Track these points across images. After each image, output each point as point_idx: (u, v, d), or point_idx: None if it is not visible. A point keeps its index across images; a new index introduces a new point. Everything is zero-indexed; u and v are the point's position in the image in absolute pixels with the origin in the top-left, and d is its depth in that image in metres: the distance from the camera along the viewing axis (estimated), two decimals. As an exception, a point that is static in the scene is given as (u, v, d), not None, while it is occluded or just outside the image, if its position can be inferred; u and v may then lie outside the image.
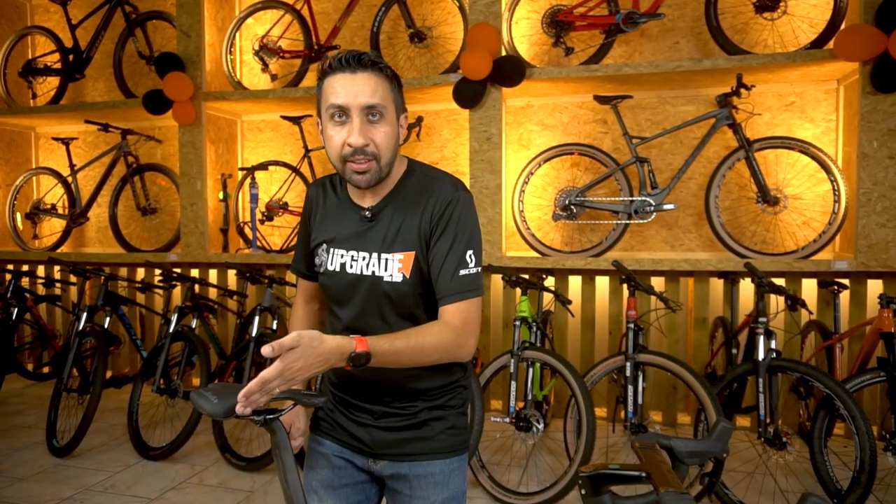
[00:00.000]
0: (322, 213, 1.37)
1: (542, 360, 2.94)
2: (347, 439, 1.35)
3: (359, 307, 1.29)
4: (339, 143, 1.23)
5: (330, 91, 1.23)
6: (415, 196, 1.29)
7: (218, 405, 1.07)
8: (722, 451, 1.10)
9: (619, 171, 3.69)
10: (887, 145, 3.21)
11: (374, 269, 1.28)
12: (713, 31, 3.55)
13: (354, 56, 1.21)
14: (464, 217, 1.27)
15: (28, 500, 2.91)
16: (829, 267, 3.31)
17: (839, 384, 2.53)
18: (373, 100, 1.20)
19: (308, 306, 1.49)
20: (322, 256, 1.34)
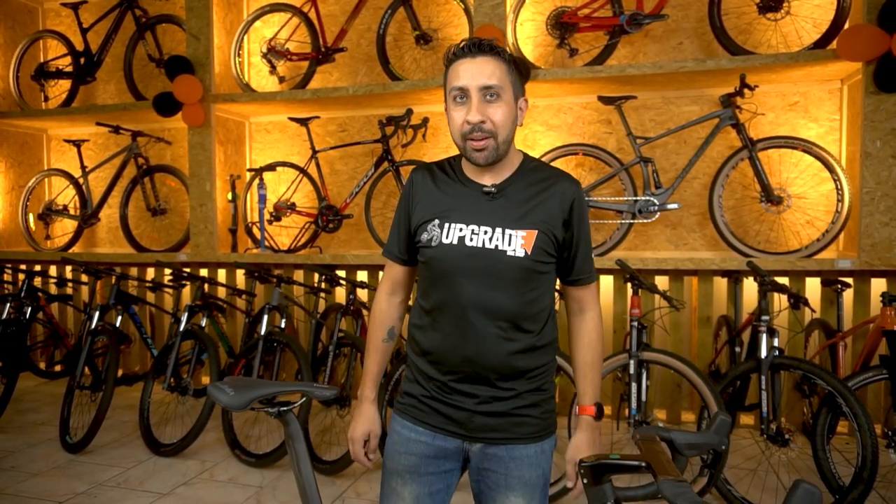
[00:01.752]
0: (430, 193, 1.43)
1: (546, 357, 2.97)
2: (444, 424, 1.40)
3: (479, 280, 1.35)
4: (459, 122, 1.33)
5: (453, 75, 1.34)
6: (538, 182, 1.39)
7: (234, 398, 1.12)
8: (721, 444, 1.13)
9: (624, 170, 3.72)
10: (890, 144, 3.23)
11: (497, 244, 1.34)
12: (717, 31, 3.58)
13: (475, 43, 1.33)
14: (586, 206, 1.43)
15: (43, 494, 2.97)
16: (833, 266, 3.33)
17: (841, 382, 2.56)
18: (490, 80, 1.30)
19: (391, 299, 1.54)
20: (433, 232, 1.38)
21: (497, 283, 1.35)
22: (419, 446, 1.40)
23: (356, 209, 4.41)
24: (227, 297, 4.44)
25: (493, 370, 1.36)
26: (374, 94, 4.04)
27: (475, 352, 1.36)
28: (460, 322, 1.36)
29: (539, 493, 1.41)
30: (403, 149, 4.24)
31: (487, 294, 1.35)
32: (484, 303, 1.34)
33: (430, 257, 1.39)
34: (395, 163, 4.11)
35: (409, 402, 1.45)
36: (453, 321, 1.38)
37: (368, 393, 1.48)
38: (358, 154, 4.56)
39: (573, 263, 1.41)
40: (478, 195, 1.38)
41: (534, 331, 1.39)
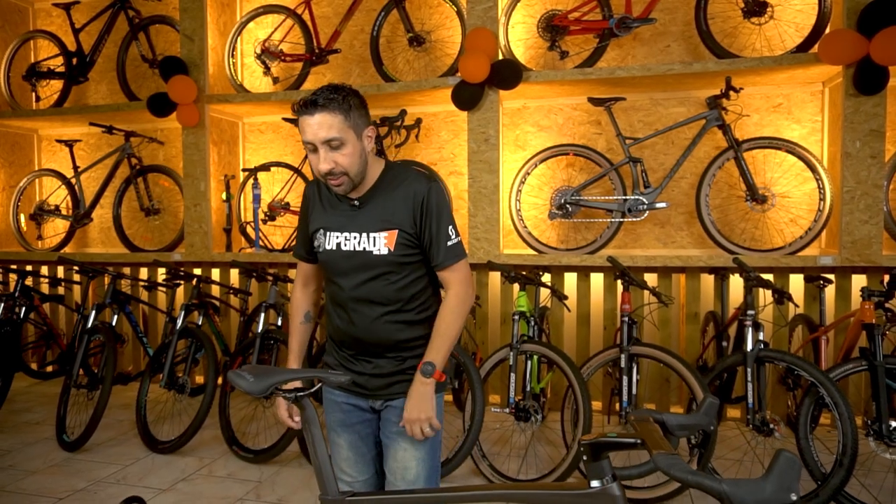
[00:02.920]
0: (318, 205, 1.73)
1: (540, 352, 3.05)
2: (351, 387, 1.71)
3: (355, 276, 1.65)
4: (315, 168, 1.58)
5: (301, 128, 1.57)
6: (394, 190, 1.64)
7: (254, 383, 1.18)
8: (709, 424, 1.21)
9: (613, 170, 3.81)
10: (869, 145, 3.35)
11: (364, 246, 1.64)
12: (703, 35, 3.68)
13: (311, 101, 1.52)
14: (439, 202, 1.65)
15: (43, 491, 3.00)
16: (815, 262, 3.44)
17: (823, 373, 2.66)
18: (330, 133, 1.52)
19: (306, 289, 1.85)
20: (320, 239, 1.69)
21: (370, 277, 1.64)
22: (338, 406, 1.74)
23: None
24: (221, 295, 4.47)
25: (378, 345, 1.67)
26: (369, 94, 4.09)
27: (362, 334, 1.67)
28: (347, 310, 1.68)
29: (427, 442, 1.67)
30: (397, 149, 4.31)
31: (364, 286, 1.65)
32: (362, 294, 1.65)
33: (322, 261, 1.73)
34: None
35: (328, 368, 1.78)
36: (342, 310, 1.70)
37: (293, 366, 1.81)
38: (351, 154, 4.60)
39: (431, 252, 1.66)
40: (347, 207, 1.67)
41: (411, 309, 1.68)
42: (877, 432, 2.64)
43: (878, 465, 3.09)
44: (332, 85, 1.57)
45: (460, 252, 1.67)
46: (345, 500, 1.21)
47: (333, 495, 1.21)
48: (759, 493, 0.92)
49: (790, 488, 0.92)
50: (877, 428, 2.64)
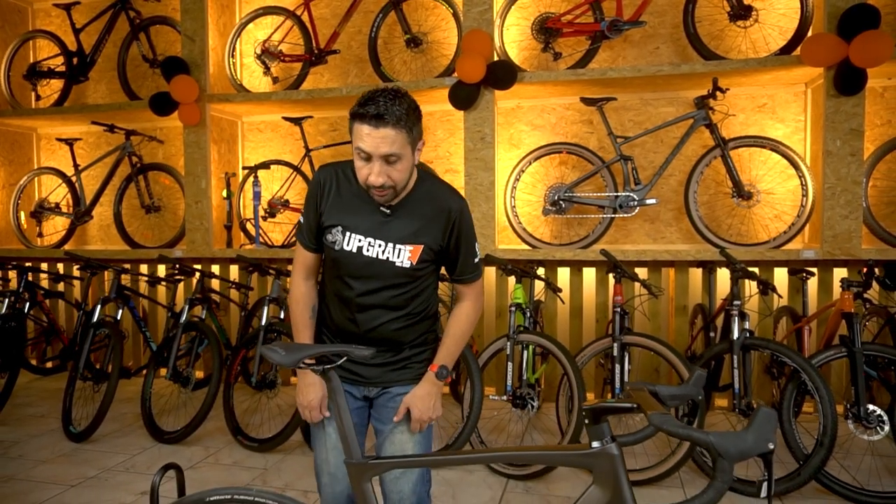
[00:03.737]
0: (336, 198, 1.66)
1: (536, 342, 3.18)
2: (347, 375, 1.73)
3: (371, 282, 1.65)
4: (364, 176, 1.54)
5: (357, 135, 1.51)
6: (427, 203, 1.64)
7: (286, 357, 1.29)
8: (697, 394, 1.33)
9: (605, 168, 3.94)
10: (849, 144, 3.50)
11: (388, 256, 1.63)
12: (691, 37, 3.82)
13: (379, 114, 1.46)
14: (469, 220, 1.70)
15: (54, 479, 3.08)
16: (798, 256, 3.59)
17: (805, 359, 2.80)
18: (392, 149, 1.49)
19: (307, 283, 1.77)
20: (337, 236, 1.64)
21: (385, 284, 1.65)
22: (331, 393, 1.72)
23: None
24: (221, 291, 4.56)
25: (378, 343, 1.68)
26: (367, 94, 4.19)
27: (364, 332, 1.69)
28: (352, 310, 1.68)
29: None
30: (394, 147, 4.41)
31: (377, 293, 1.65)
32: (374, 300, 1.66)
33: (333, 258, 1.68)
34: (387, 161, 4.28)
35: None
36: (347, 308, 1.69)
37: None
38: (349, 153, 4.71)
39: (456, 265, 1.71)
40: (375, 212, 1.63)
41: (417, 313, 1.72)
42: (855, 415, 2.79)
43: (856, 448, 3.24)
44: (393, 92, 1.50)
45: (481, 269, 1.76)
46: (367, 462, 1.32)
47: (357, 459, 1.33)
48: (741, 444, 1.05)
49: (768, 439, 1.04)
50: (855, 411, 2.79)
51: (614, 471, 1.22)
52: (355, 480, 1.33)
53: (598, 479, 1.23)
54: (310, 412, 1.70)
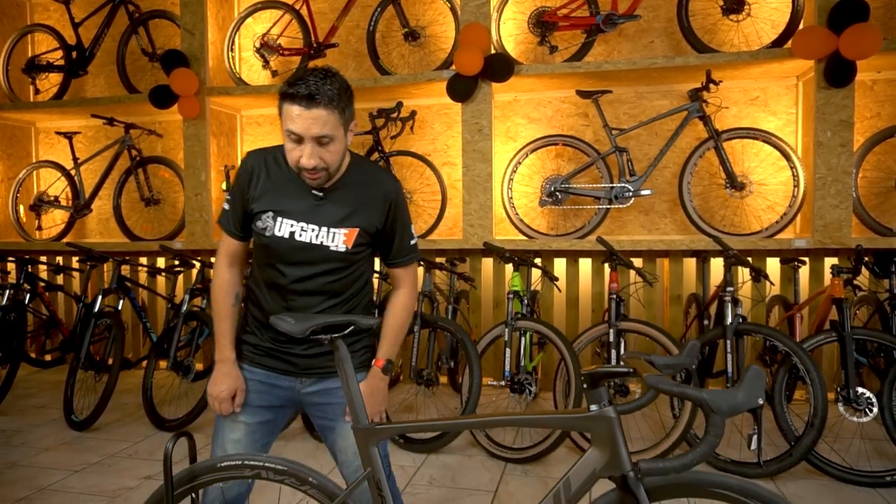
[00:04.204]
0: (266, 183, 1.59)
1: (533, 328, 3.23)
2: (277, 365, 1.65)
3: (305, 268, 1.59)
4: (294, 158, 1.49)
5: (288, 117, 1.46)
6: (361, 186, 1.61)
7: (295, 326, 1.34)
8: (691, 363, 1.39)
9: (601, 159, 4.00)
10: (839, 135, 3.57)
11: (322, 240, 1.58)
12: (685, 31, 3.88)
13: (307, 94, 1.42)
14: (404, 202, 1.68)
15: (57, 465, 3.12)
16: (790, 245, 3.66)
17: (797, 343, 2.87)
18: (323, 131, 1.45)
19: (232, 270, 1.68)
20: (268, 222, 1.58)
21: (320, 270, 1.59)
22: (254, 384, 1.66)
23: (347, 198, 4.62)
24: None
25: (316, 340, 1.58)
26: (366, 87, 4.25)
27: None
28: (286, 297, 1.62)
29: None
30: (392, 140, 4.46)
31: (312, 280, 1.60)
32: (308, 286, 1.60)
33: (264, 244, 1.61)
34: (385, 153, 4.33)
35: (246, 348, 1.69)
36: (280, 296, 1.63)
37: (228, 354, 1.65)
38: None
39: (391, 249, 1.68)
40: (307, 196, 1.58)
41: (352, 299, 1.67)
42: (845, 398, 2.85)
43: (845, 432, 3.31)
44: (324, 71, 1.46)
45: (418, 251, 1.73)
46: (374, 427, 1.37)
47: (364, 425, 1.38)
48: (732, 400, 1.11)
49: (757, 395, 1.10)
50: (845, 394, 2.85)
51: (612, 433, 1.27)
52: (363, 445, 1.37)
53: (597, 441, 1.29)
54: (219, 404, 1.62)
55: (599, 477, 1.29)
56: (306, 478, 1.38)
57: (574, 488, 1.31)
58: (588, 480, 1.30)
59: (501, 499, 2.70)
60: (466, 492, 2.77)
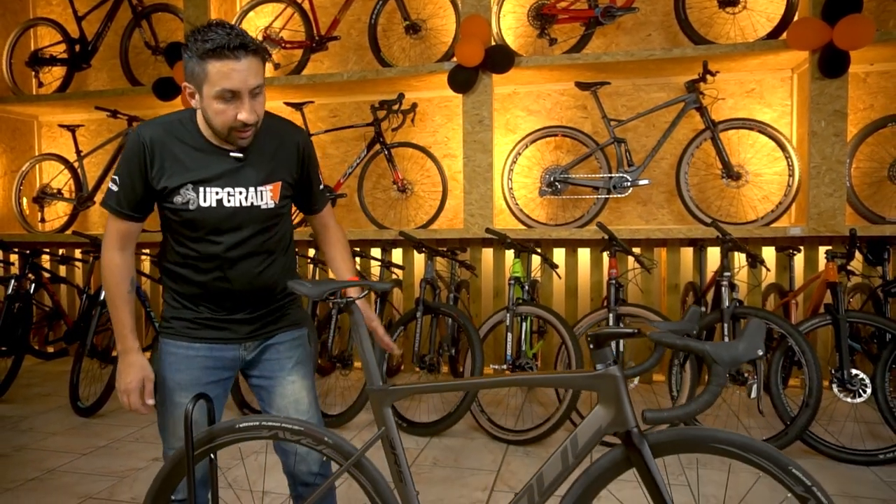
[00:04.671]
0: (172, 158, 1.49)
1: (534, 313, 3.29)
2: (220, 335, 1.60)
3: (239, 232, 1.55)
4: (230, 118, 1.43)
5: (220, 75, 1.37)
6: (273, 139, 1.59)
7: (312, 289, 1.39)
8: (692, 328, 1.44)
9: (599, 150, 4.06)
10: (833, 124, 3.64)
11: (252, 201, 1.55)
12: (682, 23, 3.95)
13: (240, 45, 1.37)
14: (313, 149, 1.71)
15: (66, 448, 3.16)
16: (785, 233, 3.73)
17: (793, 326, 2.93)
18: (257, 80, 1.42)
19: (124, 254, 1.57)
20: (189, 195, 1.50)
21: (253, 231, 1.56)
22: (198, 360, 1.59)
23: (348, 189, 4.67)
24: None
25: (254, 294, 1.61)
26: (367, 79, 4.30)
27: (239, 287, 1.58)
28: (223, 267, 1.56)
29: (309, 370, 1.73)
30: (393, 132, 4.52)
31: (247, 242, 1.56)
32: (243, 249, 1.56)
33: (190, 218, 1.52)
34: (387, 145, 4.38)
35: (179, 325, 1.61)
36: (216, 267, 1.56)
37: (132, 343, 1.55)
38: (349, 138, 4.82)
39: (311, 197, 1.72)
40: (225, 160, 1.52)
41: (285, 253, 1.68)
42: (840, 380, 2.92)
43: (839, 415, 3.38)
44: (220, 21, 1.41)
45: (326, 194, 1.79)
46: (387, 389, 1.42)
47: (378, 386, 1.43)
48: (733, 352, 1.16)
49: (757, 346, 1.16)
50: (840, 376, 2.92)
51: (617, 391, 1.33)
52: (376, 406, 1.43)
53: (603, 399, 1.35)
54: (128, 397, 1.52)
55: (605, 433, 1.34)
56: (322, 437, 1.43)
57: (581, 444, 1.36)
58: (594, 436, 1.35)
59: (504, 477, 2.75)
60: (470, 471, 2.83)
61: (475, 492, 2.62)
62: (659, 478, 1.31)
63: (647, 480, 1.32)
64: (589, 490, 1.38)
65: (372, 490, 1.42)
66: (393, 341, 1.75)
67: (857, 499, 2.49)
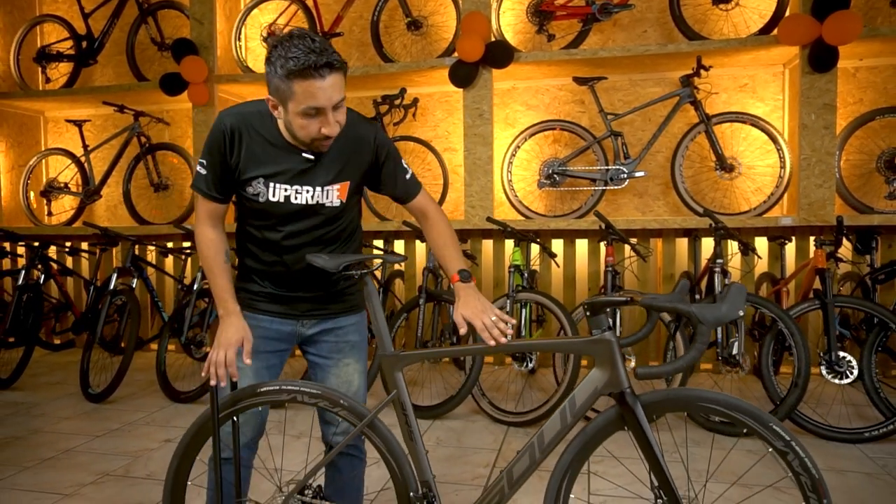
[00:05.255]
0: (249, 151, 1.56)
1: (534, 299, 3.40)
2: (280, 309, 1.70)
3: (300, 225, 1.62)
4: (313, 131, 1.47)
5: (305, 95, 1.41)
6: (345, 140, 1.60)
7: (329, 261, 1.50)
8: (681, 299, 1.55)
9: (596, 143, 4.17)
10: (823, 117, 3.76)
11: (318, 199, 1.61)
12: (676, 20, 4.06)
13: (325, 63, 1.39)
14: (388, 140, 1.68)
15: (79, 431, 3.26)
16: (777, 223, 3.84)
17: (783, 310, 3.04)
18: (341, 95, 1.45)
19: (215, 231, 1.66)
20: (259, 188, 1.58)
21: (315, 223, 1.63)
22: (258, 330, 1.67)
23: (351, 183, 4.78)
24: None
25: (311, 277, 1.67)
26: (370, 74, 4.41)
27: (297, 269, 1.65)
28: (281, 252, 1.64)
29: (363, 354, 1.80)
30: (395, 126, 4.62)
31: (308, 233, 1.63)
32: (303, 238, 1.63)
33: (258, 208, 1.61)
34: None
35: (247, 296, 1.71)
36: (275, 251, 1.65)
37: (233, 307, 1.62)
38: (352, 132, 4.91)
39: (398, 188, 1.71)
40: (299, 160, 1.57)
41: (347, 243, 1.72)
42: (828, 362, 3.03)
43: (826, 397, 3.50)
44: (302, 32, 1.43)
45: (419, 180, 1.75)
46: (398, 354, 1.53)
47: (390, 352, 1.53)
48: (717, 312, 1.27)
49: (738, 307, 1.27)
50: (828, 358, 3.03)
51: (612, 354, 1.44)
52: (388, 371, 1.53)
53: (598, 362, 1.45)
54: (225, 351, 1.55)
55: (601, 394, 1.45)
56: (338, 400, 1.54)
57: (578, 405, 1.47)
58: (591, 397, 1.46)
59: (505, 455, 2.86)
60: (472, 450, 2.93)
61: (478, 468, 2.73)
62: (650, 435, 1.42)
63: (640, 438, 1.42)
64: (586, 447, 1.48)
65: (384, 448, 1.53)
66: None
67: (844, 473, 2.61)
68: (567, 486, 1.48)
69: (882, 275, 3.50)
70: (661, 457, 1.42)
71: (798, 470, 1.39)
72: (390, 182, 1.70)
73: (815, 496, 1.38)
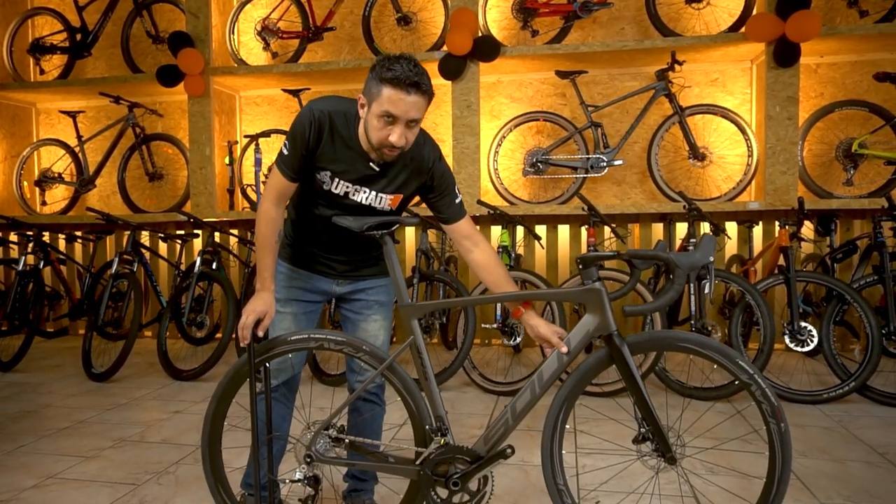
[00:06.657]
0: (328, 146, 1.74)
1: (521, 277, 3.62)
2: (319, 268, 1.92)
3: (350, 213, 1.81)
4: (383, 136, 1.64)
5: (387, 99, 1.59)
6: (410, 158, 1.79)
7: (354, 222, 1.70)
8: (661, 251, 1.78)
9: (577, 133, 4.41)
10: (786, 109, 4.05)
11: (371, 202, 1.81)
12: (652, 17, 4.32)
13: (414, 82, 1.58)
14: (446, 167, 1.87)
15: (88, 406, 3.40)
16: (745, 207, 4.12)
17: (751, 284, 3.32)
18: (419, 115, 1.64)
19: (277, 209, 1.80)
20: (324, 178, 1.77)
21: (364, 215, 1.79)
22: (298, 281, 1.93)
23: (343, 172, 4.97)
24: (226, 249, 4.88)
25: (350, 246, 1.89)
26: (362, 67, 4.59)
27: (340, 241, 1.86)
28: (328, 225, 1.82)
29: (389, 313, 2.01)
30: (386, 118, 4.81)
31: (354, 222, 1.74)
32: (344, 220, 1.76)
33: (319, 191, 1.79)
34: (380, 129, 4.68)
35: (292, 252, 1.94)
36: (327, 225, 1.82)
37: (270, 285, 1.79)
38: (343, 124, 5.09)
39: (444, 211, 1.86)
40: (365, 164, 1.75)
41: None
42: (791, 331, 3.31)
43: (789, 367, 3.78)
44: (414, 60, 1.63)
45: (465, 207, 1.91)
46: (415, 304, 1.73)
47: (408, 303, 1.74)
48: (691, 258, 1.51)
49: (709, 254, 1.51)
50: (791, 328, 3.31)
51: (601, 302, 1.66)
52: (406, 319, 1.74)
53: (590, 308, 1.68)
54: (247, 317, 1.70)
55: (593, 336, 1.68)
56: (360, 346, 1.74)
57: (573, 346, 1.69)
58: (584, 339, 1.69)
59: (497, 419, 3.08)
60: (466, 415, 3.15)
61: (472, 430, 2.95)
62: (635, 370, 1.65)
63: (626, 373, 1.65)
64: (580, 382, 1.71)
65: (402, 388, 1.73)
66: None
67: (804, 427, 2.88)
68: (563, 415, 1.71)
69: (840, 254, 3.80)
70: (644, 390, 1.65)
71: (760, 399, 1.64)
72: (439, 204, 1.86)
73: (774, 420, 1.63)
